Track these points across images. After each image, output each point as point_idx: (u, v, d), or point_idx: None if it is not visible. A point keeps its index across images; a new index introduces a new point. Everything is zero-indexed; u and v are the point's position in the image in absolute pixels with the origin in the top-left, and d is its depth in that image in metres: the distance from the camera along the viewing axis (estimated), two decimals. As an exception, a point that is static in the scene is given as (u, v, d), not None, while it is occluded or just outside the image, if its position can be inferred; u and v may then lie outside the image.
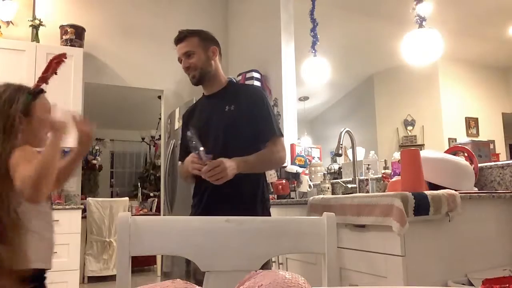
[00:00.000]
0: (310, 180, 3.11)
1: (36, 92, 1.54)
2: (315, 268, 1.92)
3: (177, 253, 0.89)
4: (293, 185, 2.96)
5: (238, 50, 4.67)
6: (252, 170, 1.73)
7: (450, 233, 1.61)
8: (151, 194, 7.00)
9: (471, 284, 1.52)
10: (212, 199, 1.72)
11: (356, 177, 2.65)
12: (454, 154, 2.09)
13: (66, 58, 1.63)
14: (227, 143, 1.73)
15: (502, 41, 5.68)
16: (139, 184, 7.43)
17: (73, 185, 4.11)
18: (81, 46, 4.05)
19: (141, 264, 5.46)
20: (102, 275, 4.89)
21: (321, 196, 2.24)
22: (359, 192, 2.61)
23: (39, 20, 4.03)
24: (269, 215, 1.83)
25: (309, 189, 2.96)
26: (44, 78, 1.60)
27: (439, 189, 1.66)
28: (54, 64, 1.62)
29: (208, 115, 1.82)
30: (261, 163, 1.76)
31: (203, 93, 1.92)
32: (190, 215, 1.84)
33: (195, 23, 5.32)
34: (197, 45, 1.80)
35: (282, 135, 1.82)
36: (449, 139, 6.03)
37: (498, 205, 1.80)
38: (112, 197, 7.63)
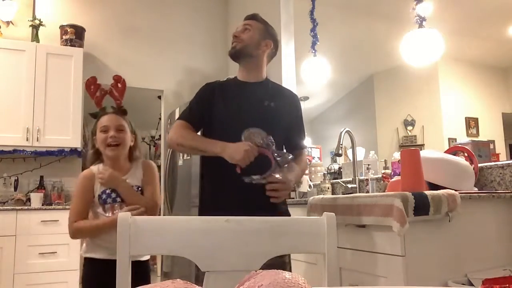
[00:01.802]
0: (310, 180, 3.11)
1: (93, 115, 1.89)
2: (315, 268, 1.92)
3: (177, 253, 0.89)
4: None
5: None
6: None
7: (450, 233, 1.61)
8: (151, 194, 6.98)
9: (471, 284, 1.52)
10: (231, 198, 1.62)
11: (356, 177, 2.65)
12: (454, 154, 2.09)
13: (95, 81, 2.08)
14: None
15: (502, 41, 5.68)
16: (139, 184, 7.42)
17: (73, 185, 4.11)
18: (81, 46, 4.05)
19: (141, 264, 5.45)
20: (102, 275, 4.88)
21: (321, 196, 2.24)
22: (359, 192, 2.61)
23: (39, 20, 4.03)
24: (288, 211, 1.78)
25: (309, 189, 2.96)
26: (96, 103, 2.00)
27: (439, 189, 1.66)
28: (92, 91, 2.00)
29: (240, 102, 1.72)
30: (302, 175, 1.87)
31: (236, 77, 1.85)
32: (201, 215, 1.73)
33: (195, 23, 5.30)
34: (258, 28, 1.79)
35: (306, 147, 1.87)
36: (449, 139, 6.03)
37: (498, 205, 1.80)
38: (112, 197, 7.60)
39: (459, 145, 2.21)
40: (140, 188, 1.78)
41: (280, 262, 1.55)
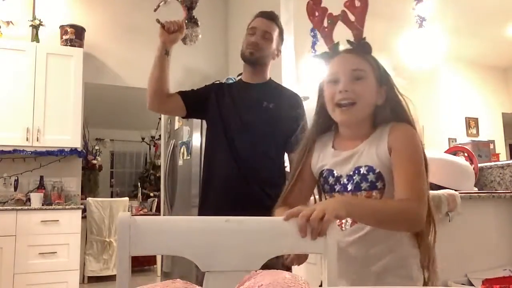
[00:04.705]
0: (310, 180, 3.11)
1: (322, 56, 1.27)
2: (315, 268, 1.92)
3: (177, 253, 0.89)
4: (293, 185, 2.95)
5: (238, 50, 4.66)
6: None
7: (450, 233, 1.61)
8: (151, 194, 6.99)
9: (471, 284, 1.52)
10: (230, 199, 1.63)
11: (356, 177, 2.64)
12: (454, 154, 2.09)
13: None
14: (256, 141, 1.66)
15: (502, 41, 5.68)
16: (139, 184, 7.43)
17: (73, 185, 4.11)
18: (81, 46, 4.05)
19: (141, 264, 5.46)
20: (102, 275, 4.89)
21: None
22: (359, 192, 2.61)
23: (39, 20, 4.02)
24: None
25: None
26: (324, 37, 1.25)
27: (439, 189, 1.66)
28: None
29: (241, 103, 1.73)
30: None
31: (241, 78, 1.86)
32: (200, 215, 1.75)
33: (195, 23, 5.26)
34: (277, 36, 1.79)
35: None
36: (449, 139, 6.03)
37: (498, 205, 1.80)
38: (112, 197, 7.63)
39: (459, 145, 2.21)
40: (376, 172, 1.07)
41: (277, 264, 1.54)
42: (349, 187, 1.09)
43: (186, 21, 1.63)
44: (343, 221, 1.10)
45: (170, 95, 1.69)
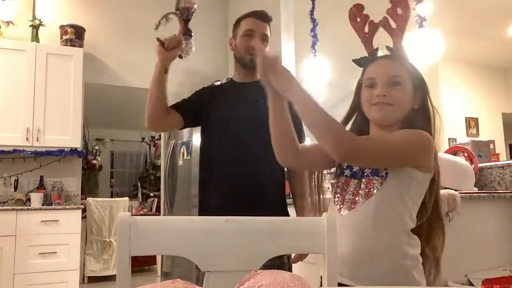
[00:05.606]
0: (310, 180, 3.11)
1: (358, 61, 1.38)
2: (315, 268, 1.92)
3: (177, 253, 0.89)
4: (293, 185, 2.95)
5: (238, 50, 4.66)
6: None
7: (450, 233, 1.61)
8: (151, 194, 7.00)
9: (471, 284, 1.52)
10: (231, 199, 1.62)
11: (356, 177, 2.64)
12: (454, 154, 2.09)
13: None
14: (256, 139, 1.60)
15: (502, 41, 5.68)
16: (139, 184, 7.44)
17: (73, 185, 4.11)
18: (81, 46, 4.05)
19: (141, 264, 5.46)
20: (102, 275, 4.89)
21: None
22: (359, 192, 2.60)
23: (39, 20, 4.03)
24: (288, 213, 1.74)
25: (309, 189, 2.95)
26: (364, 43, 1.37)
27: (439, 189, 1.66)
28: None
29: (236, 103, 1.73)
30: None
31: (232, 78, 1.85)
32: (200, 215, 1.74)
33: (195, 23, 5.29)
34: (269, 35, 1.81)
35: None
36: (449, 139, 6.02)
37: (498, 205, 1.80)
38: (112, 197, 7.63)
39: (459, 145, 2.21)
40: None
41: (279, 263, 1.54)
42: (356, 171, 1.15)
43: (182, 34, 1.61)
44: (342, 206, 1.15)
45: (168, 112, 1.69)
